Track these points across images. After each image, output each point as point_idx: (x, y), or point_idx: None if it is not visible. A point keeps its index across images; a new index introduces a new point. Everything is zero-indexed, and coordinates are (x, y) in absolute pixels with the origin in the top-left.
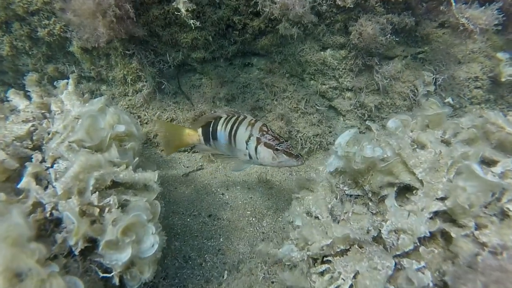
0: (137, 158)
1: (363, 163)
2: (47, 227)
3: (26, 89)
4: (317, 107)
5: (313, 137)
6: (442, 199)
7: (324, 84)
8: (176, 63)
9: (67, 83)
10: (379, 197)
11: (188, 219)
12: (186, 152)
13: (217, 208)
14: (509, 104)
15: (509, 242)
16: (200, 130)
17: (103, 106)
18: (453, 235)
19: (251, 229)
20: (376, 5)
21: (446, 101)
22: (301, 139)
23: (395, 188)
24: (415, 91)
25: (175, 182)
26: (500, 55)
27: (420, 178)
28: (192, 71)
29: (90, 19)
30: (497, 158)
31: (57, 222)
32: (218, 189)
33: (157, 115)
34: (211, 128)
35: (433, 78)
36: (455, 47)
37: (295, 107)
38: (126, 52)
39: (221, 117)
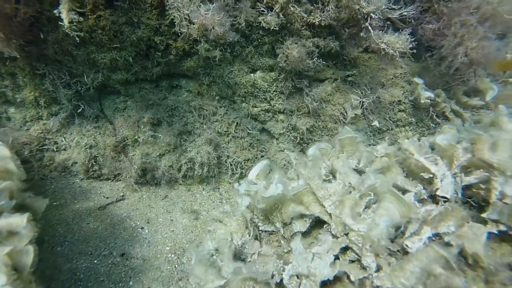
0: (13, 201)
1: (264, 203)
2: None
3: None
4: (249, 131)
5: (244, 162)
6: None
7: (256, 107)
8: (96, 85)
9: None
10: (291, 234)
11: (96, 261)
12: (109, 181)
13: (132, 245)
14: (428, 127)
15: (398, 285)
16: None
17: None
18: (352, 278)
19: (168, 267)
20: (302, 28)
21: (373, 124)
22: (231, 165)
23: (307, 224)
24: (345, 113)
25: (89, 216)
26: (416, 79)
27: (329, 212)
28: (116, 93)
29: None
30: (408, 187)
31: None
32: (138, 223)
33: (75, 141)
34: None
35: (360, 102)
36: (380, 72)
37: (225, 131)
38: (36, 72)
39: None
